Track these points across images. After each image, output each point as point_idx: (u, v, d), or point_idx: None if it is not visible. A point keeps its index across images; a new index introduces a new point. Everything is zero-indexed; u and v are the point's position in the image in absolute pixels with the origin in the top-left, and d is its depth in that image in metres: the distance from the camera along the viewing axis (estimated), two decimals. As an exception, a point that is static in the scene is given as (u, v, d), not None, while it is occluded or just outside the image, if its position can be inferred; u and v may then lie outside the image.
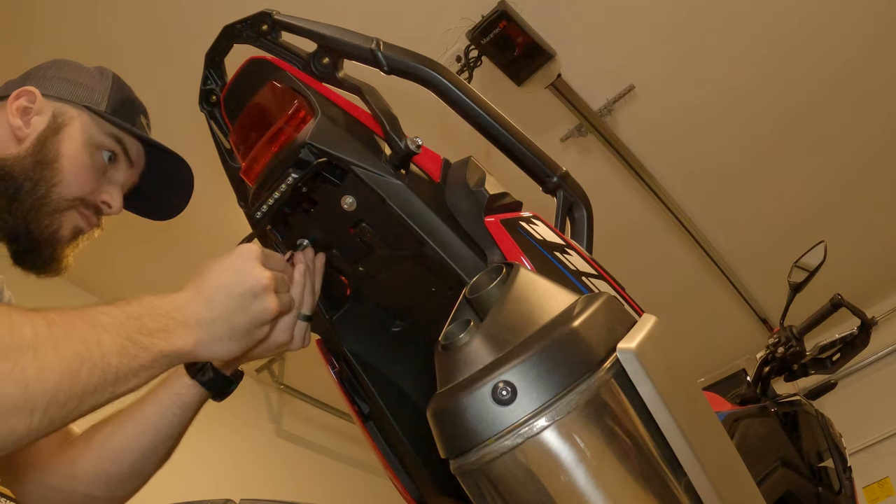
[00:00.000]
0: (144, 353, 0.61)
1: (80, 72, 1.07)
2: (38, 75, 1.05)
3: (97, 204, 1.02)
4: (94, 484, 0.91)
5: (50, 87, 1.02)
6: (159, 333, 0.63)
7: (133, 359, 0.60)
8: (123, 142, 1.04)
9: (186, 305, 0.67)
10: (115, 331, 0.59)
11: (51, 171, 0.97)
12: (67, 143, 0.99)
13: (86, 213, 1.01)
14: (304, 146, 0.73)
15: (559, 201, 0.82)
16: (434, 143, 0.79)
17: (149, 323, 0.62)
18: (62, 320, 0.56)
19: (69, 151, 0.98)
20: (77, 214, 1.00)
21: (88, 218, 1.02)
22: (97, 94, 1.04)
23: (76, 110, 1.02)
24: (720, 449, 0.58)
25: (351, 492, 4.04)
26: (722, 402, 1.60)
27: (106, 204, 1.03)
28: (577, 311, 0.56)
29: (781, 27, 2.74)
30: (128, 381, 0.60)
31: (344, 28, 0.77)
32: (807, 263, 1.85)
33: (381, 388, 0.88)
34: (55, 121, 1.00)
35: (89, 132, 1.01)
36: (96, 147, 1.01)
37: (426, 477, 0.88)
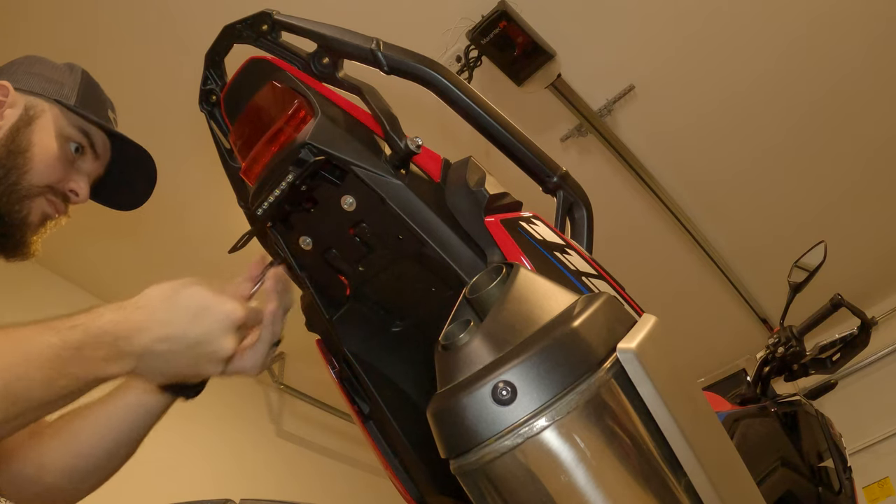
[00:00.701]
0: (74, 382, 0.62)
1: (51, 68, 1.12)
2: (11, 70, 1.10)
3: (65, 192, 1.07)
4: (62, 476, 0.94)
5: (22, 82, 1.08)
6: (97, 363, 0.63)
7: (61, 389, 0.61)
8: (90, 135, 1.09)
9: (137, 334, 0.66)
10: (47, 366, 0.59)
11: (22, 160, 1.02)
12: (38, 134, 1.04)
13: (54, 200, 1.06)
14: (304, 146, 0.73)
15: (559, 201, 0.82)
16: (434, 143, 0.79)
17: (88, 353, 0.62)
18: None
19: (40, 141, 1.04)
20: (45, 201, 1.05)
21: (56, 205, 1.07)
22: (67, 89, 1.09)
23: (47, 103, 1.07)
24: (720, 449, 0.58)
25: (351, 492, 4.04)
26: (722, 402, 1.60)
27: (73, 192, 1.08)
28: (577, 311, 0.56)
29: (782, 28, 2.75)
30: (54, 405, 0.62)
31: (344, 28, 0.77)
32: (807, 263, 1.85)
33: (381, 388, 0.88)
34: (27, 113, 1.05)
35: (59, 124, 1.06)
36: (65, 138, 1.06)
37: (426, 477, 0.88)
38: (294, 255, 0.87)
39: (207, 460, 3.28)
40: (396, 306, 0.89)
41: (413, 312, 0.89)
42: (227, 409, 3.55)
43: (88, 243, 3.02)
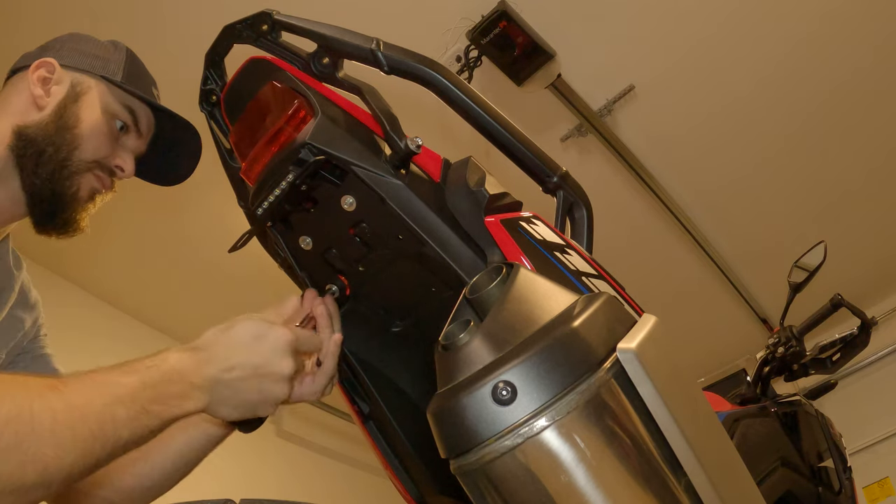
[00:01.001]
0: (155, 420, 0.66)
1: (96, 45, 1.13)
2: (56, 47, 1.11)
3: (111, 167, 1.08)
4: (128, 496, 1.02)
5: (67, 58, 1.08)
6: (174, 400, 0.67)
7: (143, 427, 0.65)
8: (135, 111, 1.10)
9: (205, 367, 0.71)
10: (129, 403, 0.63)
11: (71, 136, 1.03)
12: (86, 110, 1.05)
13: (101, 175, 1.08)
14: (304, 146, 0.73)
15: (559, 201, 0.82)
16: (434, 143, 0.79)
17: (164, 390, 0.67)
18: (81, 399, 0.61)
19: (88, 117, 1.05)
20: (93, 177, 1.07)
21: (103, 180, 1.08)
22: (113, 65, 1.10)
23: (93, 80, 1.08)
24: (720, 449, 0.58)
25: (351, 492, 4.04)
26: (722, 402, 1.60)
27: (119, 168, 1.09)
28: (577, 312, 0.56)
29: (783, 28, 2.75)
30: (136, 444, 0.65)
31: (344, 28, 0.77)
32: (807, 263, 1.85)
33: (381, 388, 0.88)
34: (74, 89, 1.06)
35: (106, 100, 1.07)
36: (111, 115, 1.07)
37: (426, 477, 0.88)
38: (294, 254, 0.87)
39: (207, 460, 3.28)
40: (396, 306, 0.89)
41: (413, 312, 0.89)
42: None
43: (89, 243, 3.02)
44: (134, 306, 3.39)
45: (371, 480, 3.89)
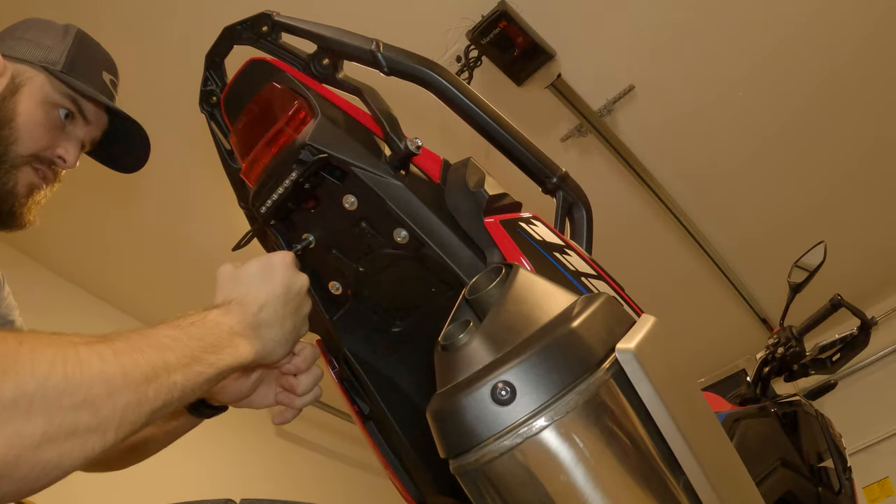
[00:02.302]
0: (210, 368, 0.64)
1: (46, 31, 1.11)
2: (6, 37, 1.10)
3: (52, 159, 1.07)
4: None
5: (13, 49, 1.07)
6: (224, 349, 0.66)
7: (199, 375, 0.63)
8: (78, 100, 1.08)
9: (246, 317, 0.70)
10: (179, 351, 0.62)
11: (8, 131, 1.02)
12: (23, 103, 1.04)
13: (40, 168, 1.06)
14: (304, 147, 0.74)
15: (559, 202, 0.82)
16: (434, 144, 0.79)
17: (212, 341, 0.66)
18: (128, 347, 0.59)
19: (25, 111, 1.03)
20: (31, 170, 1.05)
21: (43, 173, 1.07)
22: (55, 54, 1.08)
23: (34, 70, 1.06)
24: (719, 449, 0.58)
25: (351, 492, 4.04)
26: (722, 402, 1.60)
27: (61, 158, 1.07)
28: (576, 312, 0.56)
29: (783, 27, 2.75)
30: (193, 393, 0.63)
31: (344, 29, 0.78)
32: (807, 263, 1.85)
33: (381, 388, 0.88)
34: (13, 82, 1.04)
35: (45, 91, 1.05)
36: (52, 105, 1.06)
37: (426, 477, 0.88)
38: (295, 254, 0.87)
39: (207, 460, 3.28)
40: (396, 306, 0.89)
41: (413, 313, 0.89)
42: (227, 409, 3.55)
43: (89, 243, 3.03)
44: (135, 306, 3.39)
45: (371, 480, 3.89)
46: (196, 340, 0.64)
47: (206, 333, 0.66)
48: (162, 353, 0.61)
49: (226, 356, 0.66)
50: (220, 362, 0.65)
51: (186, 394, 0.62)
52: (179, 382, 0.61)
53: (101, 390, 0.54)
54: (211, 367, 0.64)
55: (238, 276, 0.74)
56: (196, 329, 0.66)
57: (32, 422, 0.50)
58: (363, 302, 0.89)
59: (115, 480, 1.03)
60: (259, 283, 0.73)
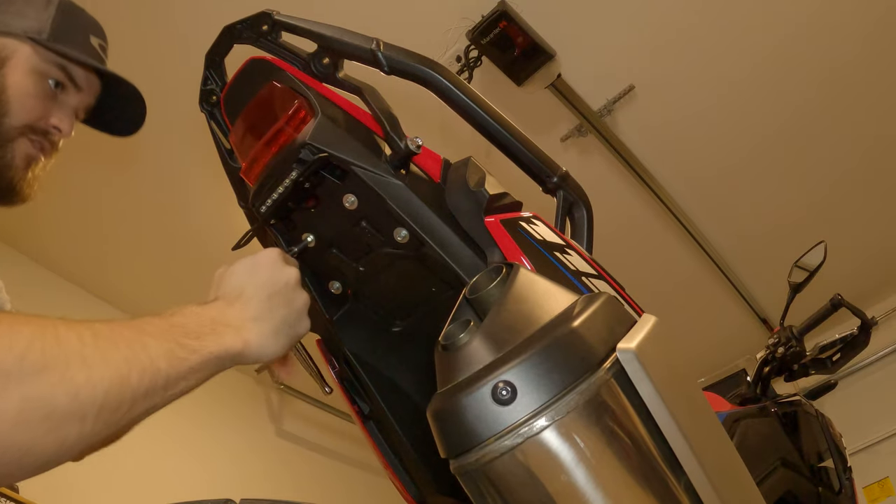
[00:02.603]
0: (193, 355, 0.61)
1: (28, 2, 1.08)
2: None
3: (47, 129, 1.05)
4: None
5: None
6: (208, 336, 0.64)
7: (182, 361, 0.60)
8: (67, 68, 1.06)
9: (229, 309, 0.68)
10: (160, 336, 0.60)
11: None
12: (11, 76, 1.02)
13: (35, 139, 1.04)
14: (304, 146, 0.74)
15: (559, 201, 0.82)
16: (434, 143, 0.79)
17: (195, 329, 0.63)
18: (107, 329, 0.57)
19: (14, 83, 1.02)
20: (27, 142, 1.03)
21: (40, 144, 1.05)
22: (39, 23, 1.06)
23: (19, 42, 1.04)
24: (720, 449, 0.58)
25: (351, 492, 4.04)
26: (722, 402, 1.60)
27: (56, 128, 1.05)
28: (576, 312, 0.56)
29: (783, 27, 2.75)
30: (178, 384, 0.60)
31: (344, 28, 0.77)
32: (807, 263, 1.85)
33: (381, 388, 0.88)
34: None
35: (32, 62, 1.03)
36: (41, 75, 1.04)
37: (426, 477, 0.88)
38: (295, 254, 0.87)
39: (208, 460, 3.28)
40: (396, 306, 0.89)
41: (413, 312, 0.89)
42: (227, 409, 3.56)
43: (90, 243, 3.03)
44: (134, 305, 3.39)
45: (371, 480, 3.89)
46: (178, 327, 0.62)
47: (187, 321, 0.64)
48: (142, 336, 0.59)
49: (209, 343, 0.63)
50: (203, 349, 0.63)
51: (171, 383, 0.59)
52: (163, 369, 0.58)
53: (79, 371, 0.52)
54: (194, 353, 0.61)
55: (225, 275, 0.73)
56: (177, 318, 0.64)
57: (6, 398, 0.48)
58: (363, 301, 0.89)
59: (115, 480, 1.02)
60: (244, 279, 0.72)
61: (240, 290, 0.70)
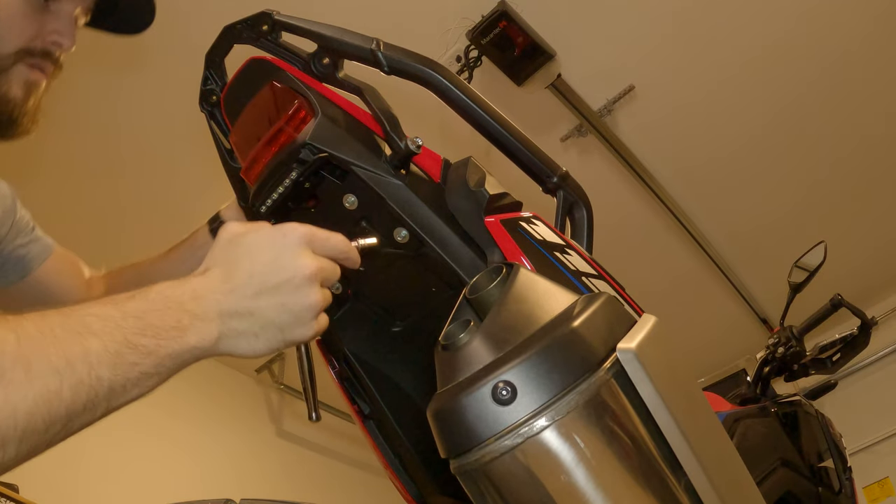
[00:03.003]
0: (147, 358, 0.51)
1: None
2: None
3: (45, 47, 0.93)
4: None
5: None
6: (167, 332, 0.53)
7: (131, 367, 0.50)
8: None
9: (207, 294, 0.57)
10: (107, 334, 0.49)
11: None
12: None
13: (33, 62, 0.92)
14: (305, 146, 0.74)
15: (559, 201, 0.82)
16: (434, 143, 0.79)
17: (154, 321, 0.52)
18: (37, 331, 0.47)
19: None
20: (24, 68, 0.91)
21: (40, 65, 0.93)
22: None
23: None
24: (720, 449, 0.58)
25: (351, 492, 4.04)
26: (722, 402, 1.60)
27: (56, 44, 0.93)
28: (577, 312, 0.56)
29: (783, 26, 2.75)
30: (127, 392, 0.51)
31: (344, 28, 0.78)
32: (807, 264, 1.85)
33: (381, 388, 0.88)
34: None
35: None
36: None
37: (426, 477, 0.88)
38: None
39: (208, 460, 3.28)
40: (396, 306, 0.89)
41: (413, 312, 0.89)
42: (227, 409, 3.56)
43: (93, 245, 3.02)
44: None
45: (371, 480, 3.89)
46: (132, 319, 0.51)
47: (147, 309, 0.52)
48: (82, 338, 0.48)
49: (168, 341, 0.52)
50: (160, 349, 0.52)
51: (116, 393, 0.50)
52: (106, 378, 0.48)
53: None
54: (148, 355, 0.51)
55: (236, 240, 0.61)
56: (134, 304, 0.53)
57: None
58: (363, 301, 0.89)
59: (116, 480, 1.01)
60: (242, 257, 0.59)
61: (231, 269, 0.58)
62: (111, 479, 2.47)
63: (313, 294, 0.60)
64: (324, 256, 0.63)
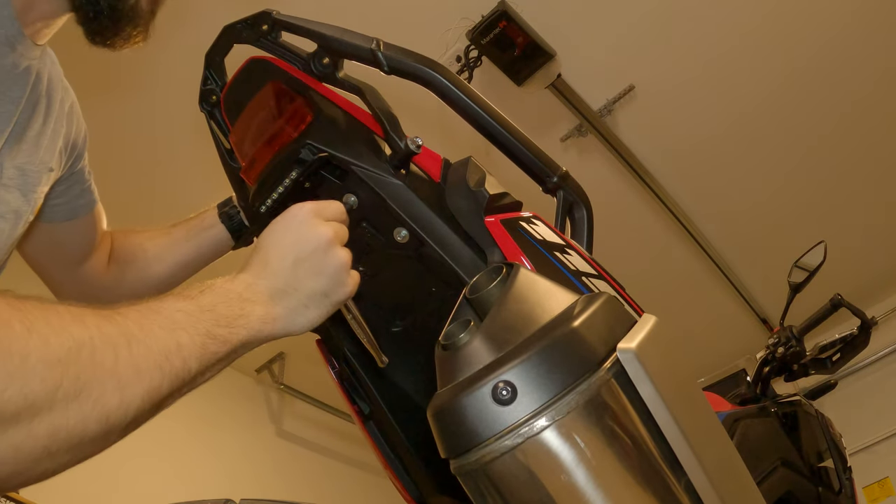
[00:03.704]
0: (224, 346, 0.58)
1: None
2: None
3: None
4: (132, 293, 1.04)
5: None
6: (236, 321, 0.59)
7: (213, 355, 0.57)
8: None
9: (256, 282, 0.63)
10: (192, 329, 0.55)
11: None
12: None
13: None
14: (305, 146, 0.74)
15: (559, 201, 0.82)
16: (434, 143, 0.79)
17: (224, 312, 0.59)
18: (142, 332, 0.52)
19: None
20: None
21: None
22: None
23: None
24: (720, 449, 0.58)
25: (351, 492, 4.04)
26: (722, 402, 1.60)
27: None
28: (577, 311, 0.56)
29: (782, 25, 2.74)
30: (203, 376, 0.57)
31: (344, 28, 0.77)
32: (807, 263, 1.85)
33: (381, 388, 0.88)
34: None
35: None
36: None
37: (426, 477, 0.88)
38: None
39: (207, 461, 3.28)
40: (397, 306, 0.89)
41: (413, 312, 0.89)
42: (227, 409, 3.55)
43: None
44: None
45: (371, 480, 3.89)
46: (208, 312, 0.58)
47: (216, 303, 0.59)
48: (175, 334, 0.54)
49: (239, 330, 0.59)
50: (234, 337, 0.58)
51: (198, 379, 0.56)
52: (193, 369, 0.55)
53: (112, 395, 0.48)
54: (225, 344, 0.57)
55: (262, 236, 0.68)
56: (206, 298, 0.59)
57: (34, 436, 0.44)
58: (363, 301, 0.89)
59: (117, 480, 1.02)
60: (271, 243, 0.66)
61: (266, 257, 0.65)
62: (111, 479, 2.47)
63: (340, 253, 0.67)
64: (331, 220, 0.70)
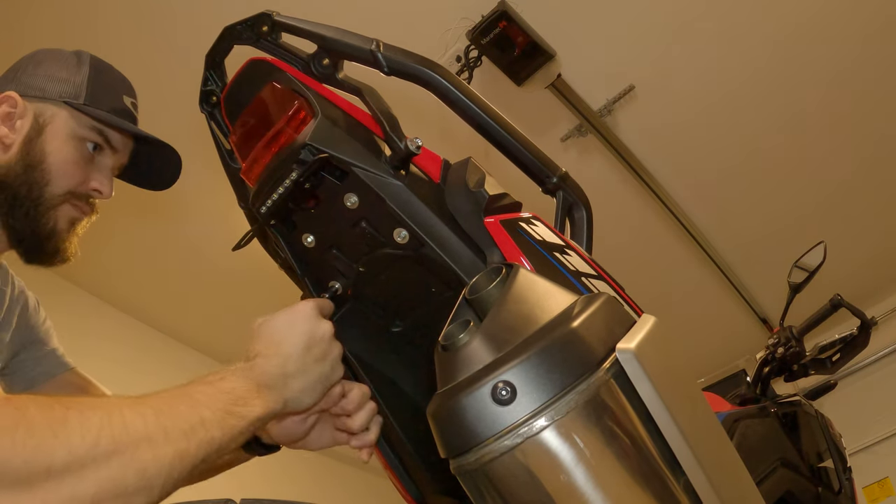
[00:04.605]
0: (241, 421, 0.67)
1: (58, 63, 1.08)
2: (17, 75, 1.08)
3: (88, 193, 1.07)
4: None
5: (29, 88, 1.05)
6: (252, 401, 0.69)
7: (233, 428, 0.66)
8: (104, 131, 1.07)
9: (270, 369, 0.72)
10: (213, 406, 0.65)
11: (40, 173, 1.02)
12: (51, 142, 1.03)
13: (77, 203, 1.06)
14: (304, 147, 0.74)
15: (559, 202, 0.82)
16: (434, 144, 0.80)
17: (241, 394, 0.69)
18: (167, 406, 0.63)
19: (54, 150, 1.03)
20: (70, 207, 1.05)
21: (81, 207, 1.07)
22: (74, 87, 1.06)
23: (56, 107, 1.05)
24: (719, 449, 0.58)
25: (351, 492, 4.03)
26: (722, 402, 1.60)
27: (97, 191, 1.07)
28: (576, 312, 0.56)
29: (783, 26, 2.75)
30: (228, 446, 0.66)
31: (344, 29, 0.78)
32: (807, 264, 1.85)
33: (381, 388, 0.88)
34: (37, 121, 1.03)
35: (70, 127, 1.04)
36: (80, 140, 1.05)
37: (426, 477, 0.88)
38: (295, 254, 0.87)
39: (208, 460, 3.28)
40: (396, 306, 0.89)
41: (413, 313, 0.89)
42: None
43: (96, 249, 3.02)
44: (140, 309, 3.39)
45: (371, 480, 3.89)
46: (226, 394, 0.68)
47: (234, 387, 0.69)
48: (198, 409, 0.64)
49: (255, 407, 0.69)
50: (251, 414, 0.68)
51: (222, 447, 0.65)
52: (217, 437, 0.64)
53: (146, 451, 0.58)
54: (242, 419, 0.67)
55: (263, 330, 0.76)
56: (226, 383, 0.69)
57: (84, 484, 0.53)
58: (363, 302, 0.89)
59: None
60: (282, 336, 0.75)
61: (278, 345, 0.74)
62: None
63: (336, 345, 0.78)
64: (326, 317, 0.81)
